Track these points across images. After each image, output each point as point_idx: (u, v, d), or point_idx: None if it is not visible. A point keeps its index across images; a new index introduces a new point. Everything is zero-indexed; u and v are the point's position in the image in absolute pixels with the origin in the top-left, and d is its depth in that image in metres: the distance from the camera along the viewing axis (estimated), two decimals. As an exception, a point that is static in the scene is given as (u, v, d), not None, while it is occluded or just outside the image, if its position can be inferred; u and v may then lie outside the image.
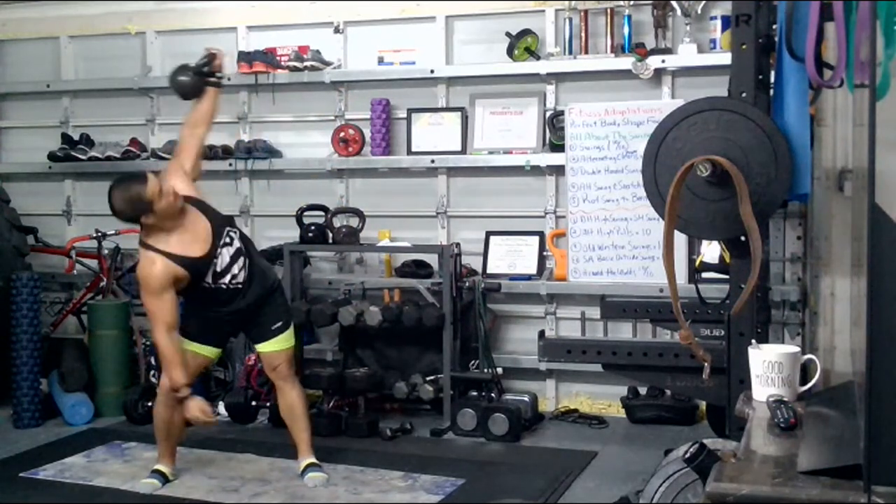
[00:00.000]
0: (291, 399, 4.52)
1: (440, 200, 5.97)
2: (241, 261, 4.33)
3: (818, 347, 4.44)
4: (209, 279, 4.25)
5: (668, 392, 5.34)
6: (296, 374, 4.64)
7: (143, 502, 4.34)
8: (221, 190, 6.07)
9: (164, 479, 4.48)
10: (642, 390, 5.47)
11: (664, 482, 2.99)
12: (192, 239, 4.20)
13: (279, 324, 4.48)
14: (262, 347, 4.51)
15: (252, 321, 4.46)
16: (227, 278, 4.29)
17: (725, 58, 3.77)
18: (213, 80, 4.43)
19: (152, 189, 4.04)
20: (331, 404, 5.37)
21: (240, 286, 4.33)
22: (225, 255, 4.28)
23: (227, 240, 4.30)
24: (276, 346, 4.48)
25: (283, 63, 6.10)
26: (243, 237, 4.46)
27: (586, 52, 5.60)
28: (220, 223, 4.33)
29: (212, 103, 4.43)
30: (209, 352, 4.46)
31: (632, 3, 5.48)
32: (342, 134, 6.00)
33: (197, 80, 4.40)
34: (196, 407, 4.21)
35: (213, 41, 6.35)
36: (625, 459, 4.79)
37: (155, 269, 4.12)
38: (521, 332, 5.78)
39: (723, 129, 3.25)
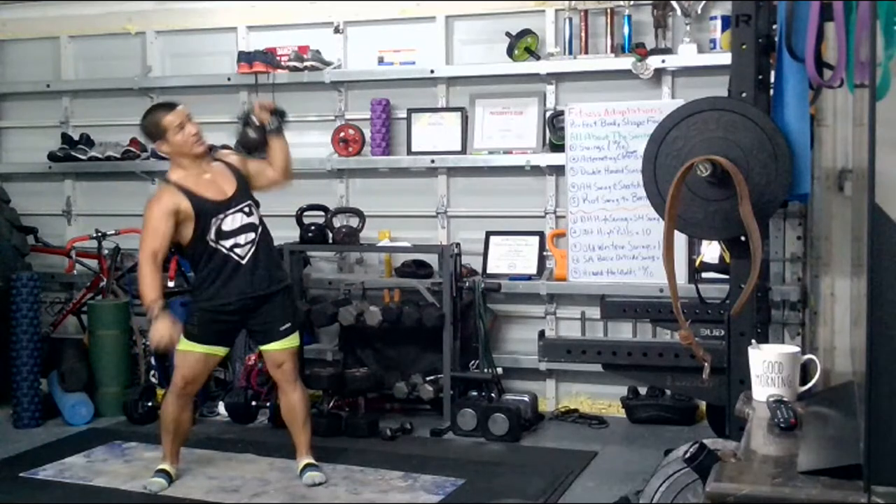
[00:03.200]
0: (294, 400, 4.50)
1: (440, 200, 5.97)
2: (250, 235, 4.36)
3: (818, 347, 4.44)
4: (212, 234, 4.28)
5: (668, 392, 5.34)
6: (299, 374, 4.61)
7: (142, 502, 4.34)
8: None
9: (169, 478, 4.47)
10: (642, 390, 5.47)
11: (664, 482, 2.98)
12: (209, 184, 4.34)
13: (288, 325, 4.47)
14: (268, 346, 4.49)
15: (259, 320, 4.44)
16: (230, 243, 4.31)
17: (725, 58, 3.77)
18: (271, 129, 4.50)
19: (172, 119, 4.26)
20: (331, 404, 5.37)
21: (241, 261, 4.33)
22: (237, 219, 4.33)
23: (246, 209, 4.38)
24: (283, 345, 4.47)
25: (283, 63, 6.09)
26: (264, 226, 4.47)
27: (586, 52, 5.59)
28: (245, 194, 4.42)
29: (278, 150, 4.51)
30: (219, 351, 4.48)
31: (632, 3, 5.48)
32: (342, 134, 6.00)
33: (261, 134, 4.51)
34: (164, 327, 4.14)
35: (213, 41, 6.41)
36: (625, 459, 4.79)
37: (161, 198, 4.30)
38: (521, 332, 5.78)
39: (723, 129, 3.25)
